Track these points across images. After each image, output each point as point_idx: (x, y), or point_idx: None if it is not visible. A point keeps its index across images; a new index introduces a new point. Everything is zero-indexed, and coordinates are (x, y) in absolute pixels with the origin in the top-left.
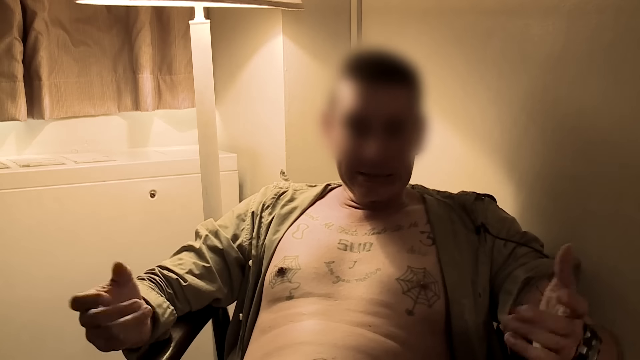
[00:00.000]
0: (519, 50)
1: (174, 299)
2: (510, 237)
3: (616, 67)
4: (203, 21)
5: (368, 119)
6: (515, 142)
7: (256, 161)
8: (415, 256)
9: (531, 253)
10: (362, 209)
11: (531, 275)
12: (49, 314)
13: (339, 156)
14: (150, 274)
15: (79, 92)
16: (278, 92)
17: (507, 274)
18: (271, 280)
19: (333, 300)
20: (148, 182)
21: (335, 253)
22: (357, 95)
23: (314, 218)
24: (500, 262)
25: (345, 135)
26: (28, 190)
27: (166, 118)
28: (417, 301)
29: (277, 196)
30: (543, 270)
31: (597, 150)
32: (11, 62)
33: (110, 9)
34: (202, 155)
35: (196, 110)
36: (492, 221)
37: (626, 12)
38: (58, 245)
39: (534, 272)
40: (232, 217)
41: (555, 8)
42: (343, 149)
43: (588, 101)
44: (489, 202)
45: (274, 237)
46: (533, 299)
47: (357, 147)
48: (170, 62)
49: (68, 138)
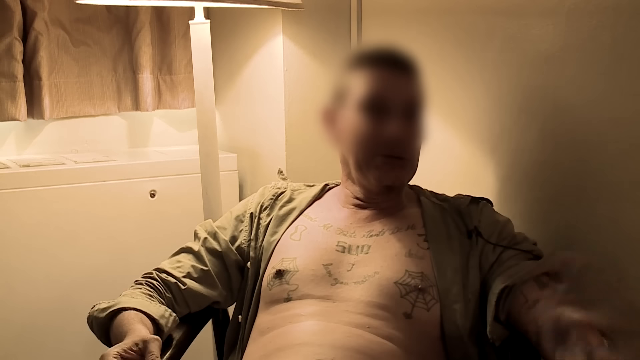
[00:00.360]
0: (519, 50)
1: (173, 303)
2: (500, 241)
3: (616, 67)
4: (203, 21)
5: (387, 101)
6: (514, 142)
7: (256, 161)
8: (413, 260)
9: (519, 255)
10: (362, 209)
11: (509, 283)
12: (49, 314)
13: (356, 142)
14: (148, 278)
15: (79, 92)
16: (278, 92)
17: (492, 280)
18: (269, 282)
19: (331, 302)
20: (148, 182)
21: (333, 255)
22: (374, 80)
23: (312, 219)
24: (486, 268)
25: (363, 120)
26: (28, 190)
27: (166, 118)
28: (415, 305)
29: (275, 197)
30: (522, 277)
31: (597, 150)
32: (11, 62)
33: (110, 9)
34: (202, 155)
35: (196, 110)
36: (484, 224)
37: (626, 12)
38: (58, 245)
39: (511, 279)
40: (230, 218)
41: (555, 8)
42: (361, 133)
43: (588, 101)
44: (484, 206)
45: (272, 238)
46: (517, 303)
47: (378, 129)
48: (170, 62)
49: (68, 138)
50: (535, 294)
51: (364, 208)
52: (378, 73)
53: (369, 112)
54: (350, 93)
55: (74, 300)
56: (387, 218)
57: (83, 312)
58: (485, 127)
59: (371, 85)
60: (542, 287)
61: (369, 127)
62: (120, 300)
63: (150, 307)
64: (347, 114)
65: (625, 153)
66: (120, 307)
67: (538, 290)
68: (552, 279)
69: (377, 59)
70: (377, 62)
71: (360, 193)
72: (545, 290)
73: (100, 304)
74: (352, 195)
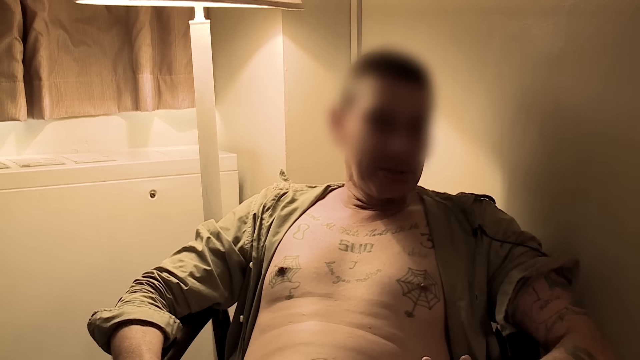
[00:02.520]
0: (519, 50)
1: (174, 303)
2: (507, 238)
3: (616, 67)
4: (203, 21)
5: (393, 115)
6: (515, 142)
7: (256, 161)
8: (416, 258)
9: (528, 252)
10: (365, 209)
11: (526, 275)
12: (49, 313)
13: (359, 152)
14: (149, 277)
15: (79, 92)
16: (278, 92)
17: (504, 274)
18: (271, 280)
19: (333, 300)
20: (148, 182)
21: (336, 253)
22: (381, 91)
23: (315, 218)
24: (497, 264)
25: (368, 131)
26: (28, 190)
27: (166, 118)
28: (417, 303)
29: (278, 197)
30: (539, 269)
31: (597, 150)
32: (11, 62)
33: (110, 9)
34: (202, 155)
35: (196, 110)
36: (489, 223)
37: (626, 12)
38: (58, 245)
39: (529, 271)
40: (233, 219)
41: (555, 8)
42: (365, 145)
43: (588, 101)
44: (487, 204)
45: (274, 238)
46: (529, 299)
47: (382, 142)
48: (170, 62)
49: (68, 138)
50: (546, 293)
51: (366, 208)
52: (386, 83)
53: (374, 124)
54: (357, 99)
55: (74, 300)
56: (390, 217)
57: (83, 312)
58: (486, 127)
59: (378, 97)
60: (552, 285)
61: (373, 140)
62: (123, 310)
63: (155, 316)
64: (353, 120)
65: (625, 152)
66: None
67: (548, 289)
68: (562, 276)
69: (386, 67)
70: (386, 70)
71: (362, 196)
72: (555, 289)
73: (102, 311)
74: (354, 196)
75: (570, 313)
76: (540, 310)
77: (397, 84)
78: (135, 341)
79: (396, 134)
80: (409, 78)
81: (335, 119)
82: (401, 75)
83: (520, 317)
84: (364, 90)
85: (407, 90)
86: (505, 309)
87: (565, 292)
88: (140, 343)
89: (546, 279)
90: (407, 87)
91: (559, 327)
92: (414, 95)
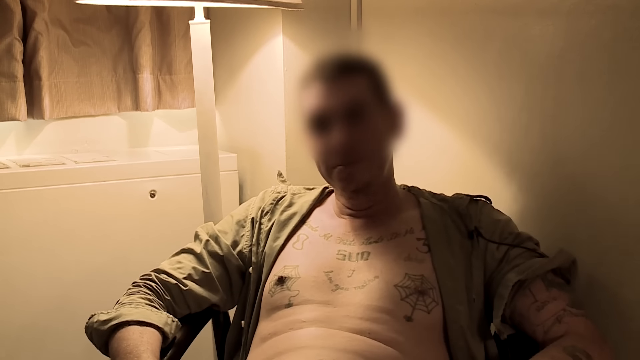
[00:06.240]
0: (519, 50)
1: (173, 304)
2: (503, 240)
3: (616, 67)
4: (203, 21)
5: (327, 113)
6: (515, 142)
7: (256, 161)
8: (412, 263)
9: (525, 253)
10: (358, 218)
11: (522, 277)
12: (49, 313)
13: (315, 158)
14: (146, 280)
15: (79, 92)
16: (278, 92)
17: (500, 277)
18: (271, 289)
19: (332, 307)
20: (148, 182)
21: (334, 263)
22: (311, 96)
23: (314, 229)
24: (493, 266)
25: (314, 137)
26: (28, 190)
27: (166, 118)
28: (415, 307)
29: (276, 201)
30: (535, 271)
31: (596, 150)
32: (11, 62)
33: (110, 9)
34: (202, 155)
35: (196, 110)
36: (485, 224)
37: (626, 12)
38: (58, 245)
39: (525, 274)
40: (231, 222)
41: (555, 8)
42: (315, 150)
43: (587, 101)
44: (483, 205)
45: (275, 244)
46: (526, 301)
47: (326, 142)
48: (170, 62)
49: (68, 138)
50: (543, 295)
51: (359, 217)
52: (314, 88)
53: (315, 128)
54: (303, 112)
55: (74, 300)
56: (385, 224)
57: (83, 312)
58: (485, 127)
59: (309, 103)
60: (549, 286)
61: (318, 143)
62: (121, 312)
63: (152, 316)
64: (303, 131)
65: (625, 152)
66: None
67: (545, 291)
68: (559, 276)
69: (318, 72)
70: (318, 75)
71: (346, 203)
72: (552, 290)
73: (99, 314)
74: (343, 205)
75: (568, 315)
76: (538, 312)
77: (326, 83)
78: (133, 342)
79: (334, 129)
80: (338, 73)
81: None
82: (325, 73)
83: (518, 319)
84: (302, 104)
85: (334, 85)
86: (501, 313)
87: (562, 293)
88: (137, 343)
89: (543, 280)
90: (333, 83)
91: (557, 329)
92: (345, 87)
